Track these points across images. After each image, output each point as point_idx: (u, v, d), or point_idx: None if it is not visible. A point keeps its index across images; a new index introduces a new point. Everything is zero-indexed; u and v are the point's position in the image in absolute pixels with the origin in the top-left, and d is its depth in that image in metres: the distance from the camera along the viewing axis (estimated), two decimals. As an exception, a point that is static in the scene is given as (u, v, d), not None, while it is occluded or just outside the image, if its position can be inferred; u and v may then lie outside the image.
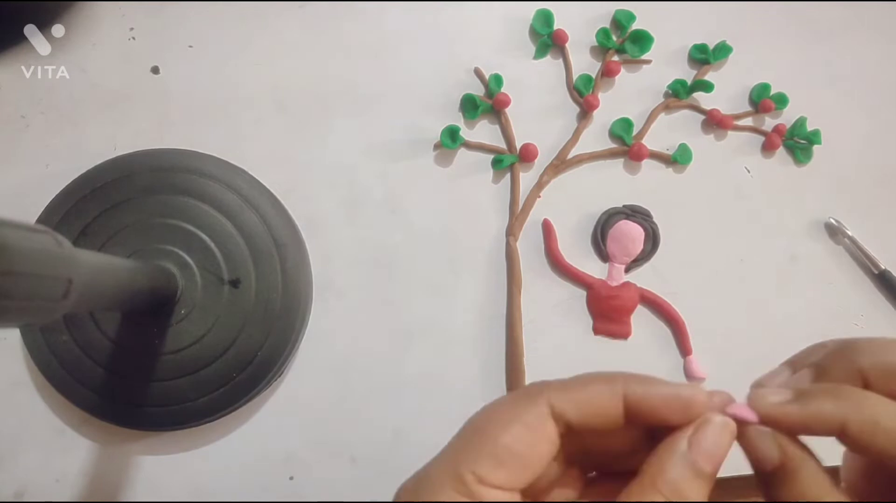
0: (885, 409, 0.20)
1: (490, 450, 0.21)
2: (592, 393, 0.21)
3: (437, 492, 0.21)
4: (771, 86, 0.44)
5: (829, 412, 0.20)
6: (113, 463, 0.38)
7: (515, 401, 0.22)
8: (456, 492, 0.20)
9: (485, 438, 0.21)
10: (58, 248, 0.23)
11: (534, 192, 0.42)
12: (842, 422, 0.20)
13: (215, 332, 0.36)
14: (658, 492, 0.20)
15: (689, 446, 0.20)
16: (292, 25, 0.43)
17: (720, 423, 0.21)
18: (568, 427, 0.22)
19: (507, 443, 0.21)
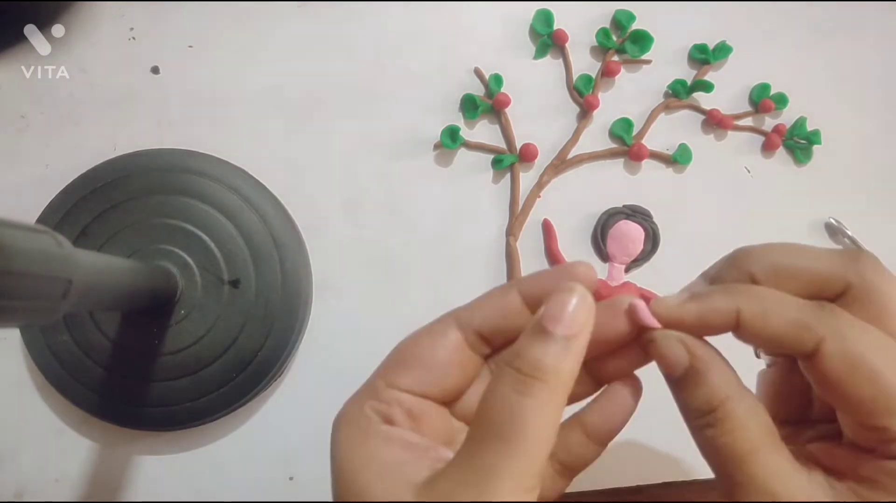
0: (773, 297, 0.21)
1: (397, 359, 0.23)
2: (491, 299, 0.23)
3: (351, 404, 0.23)
4: (771, 86, 0.44)
5: (722, 306, 0.21)
6: (113, 463, 0.38)
7: (428, 324, 0.24)
8: (371, 399, 0.22)
9: (396, 352, 0.24)
10: (58, 248, 0.23)
11: (534, 192, 0.42)
12: (735, 312, 0.21)
13: (215, 332, 0.36)
14: (507, 365, 0.20)
15: (538, 316, 0.20)
16: (292, 25, 0.43)
17: (567, 288, 0.21)
18: (479, 335, 0.23)
19: (411, 349, 0.23)
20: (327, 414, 0.39)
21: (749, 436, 0.21)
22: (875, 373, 0.20)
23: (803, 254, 0.22)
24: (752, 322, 0.21)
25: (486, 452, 0.19)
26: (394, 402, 0.22)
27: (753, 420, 0.21)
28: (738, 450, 0.21)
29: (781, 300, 0.21)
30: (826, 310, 0.21)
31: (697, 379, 0.22)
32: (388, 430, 0.22)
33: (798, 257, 0.22)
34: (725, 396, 0.21)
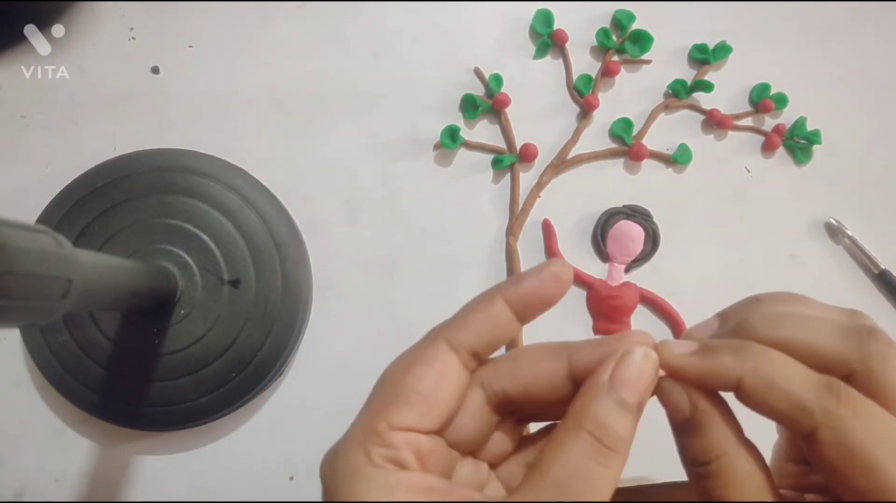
0: (782, 368, 0.20)
1: (395, 394, 0.21)
2: (477, 314, 0.22)
3: (353, 450, 0.21)
4: (771, 86, 0.44)
5: (727, 367, 0.20)
6: (113, 463, 0.38)
7: (414, 347, 0.22)
8: (376, 446, 0.21)
9: (390, 386, 0.22)
10: (58, 248, 0.23)
11: (534, 192, 0.42)
12: (738, 378, 0.20)
13: (215, 332, 0.36)
14: (583, 429, 0.20)
15: (610, 379, 0.20)
16: (292, 25, 0.43)
17: (640, 353, 0.21)
18: (474, 355, 0.22)
19: (411, 383, 0.21)
20: (327, 414, 0.39)
21: (748, 491, 0.20)
22: (871, 467, 0.19)
23: (812, 325, 0.21)
24: (753, 393, 0.20)
25: None
26: (402, 446, 0.21)
27: (749, 479, 0.20)
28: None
29: (789, 374, 0.20)
30: (832, 391, 0.20)
31: (697, 430, 0.21)
32: (406, 478, 0.20)
33: (805, 330, 0.21)
34: (722, 452, 0.20)
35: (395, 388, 0.22)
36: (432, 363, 0.22)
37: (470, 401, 0.23)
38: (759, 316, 0.22)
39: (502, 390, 0.23)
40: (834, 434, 0.19)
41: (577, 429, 0.20)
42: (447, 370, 0.22)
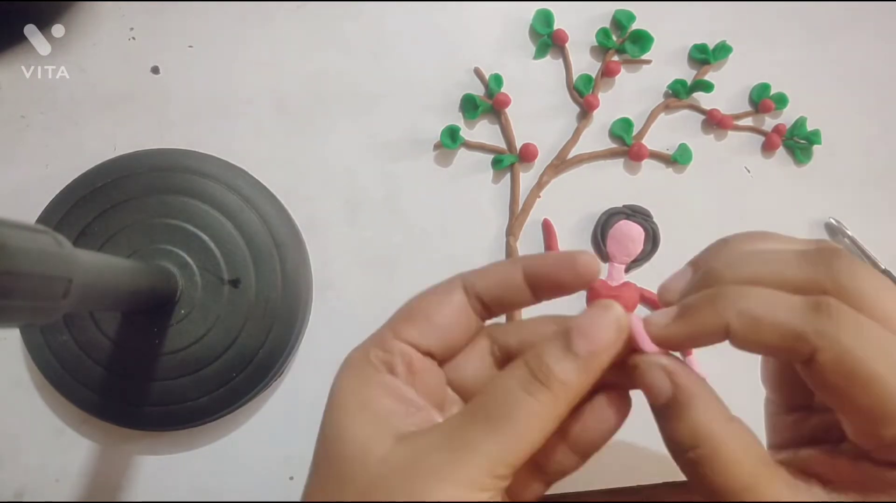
0: (764, 302, 0.20)
1: (405, 312, 0.24)
2: (496, 268, 0.24)
3: (358, 351, 0.24)
4: (771, 86, 0.44)
5: (710, 321, 0.21)
6: (113, 463, 0.38)
7: (436, 284, 0.25)
8: (376, 348, 0.23)
9: (405, 307, 0.24)
10: (58, 248, 0.23)
11: (534, 192, 0.42)
12: (724, 325, 0.20)
13: (215, 332, 0.36)
14: (523, 361, 0.21)
15: (569, 324, 0.21)
16: (292, 25, 0.43)
17: (605, 307, 0.21)
18: (481, 300, 0.24)
19: (419, 304, 0.24)
20: (327, 414, 0.39)
21: (742, 471, 0.20)
22: (872, 381, 0.19)
23: (774, 261, 0.22)
24: (744, 335, 0.20)
25: (472, 428, 0.20)
26: (397, 352, 0.23)
27: (744, 454, 0.20)
28: (732, 488, 0.20)
29: (773, 306, 0.20)
30: (821, 311, 0.19)
31: (680, 412, 0.21)
32: (389, 380, 0.23)
33: (772, 262, 0.22)
34: (710, 432, 0.20)
35: (408, 308, 0.24)
36: (444, 294, 0.24)
37: (475, 346, 0.25)
38: (724, 259, 0.23)
39: (505, 343, 0.25)
40: (832, 354, 0.19)
41: (518, 361, 0.21)
42: (455, 303, 0.24)
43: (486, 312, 0.25)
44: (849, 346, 0.19)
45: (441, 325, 0.24)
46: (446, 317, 0.24)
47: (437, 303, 0.24)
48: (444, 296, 0.24)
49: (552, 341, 0.21)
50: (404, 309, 0.24)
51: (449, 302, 0.24)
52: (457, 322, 0.24)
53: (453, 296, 0.24)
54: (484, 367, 0.25)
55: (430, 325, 0.24)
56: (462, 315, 0.24)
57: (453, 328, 0.24)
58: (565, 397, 0.21)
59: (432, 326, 0.24)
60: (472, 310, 0.24)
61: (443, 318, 0.24)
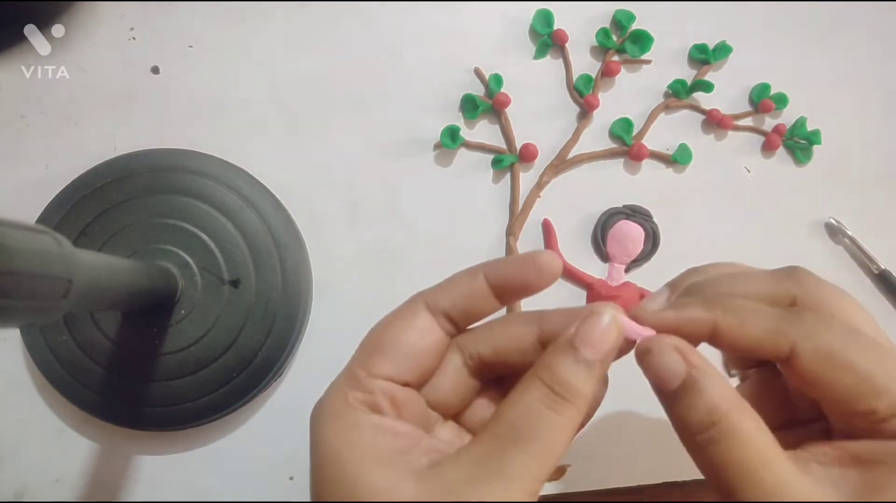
0: (748, 307, 0.22)
1: (374, 346, 0.23)
2: (457, 282, 0.24)
3: (333, 394, 0.23)
4: (771, 86, 0.44)
5: (700, 314, 0.22)
6: (113, 463, 0.38)
7: (396, 309, 0.24)
8: (354, 390, 0.23)
9: (371, 339, 0.24)
10: (58, 248, 0.23)
11: (534, 192, 0.42)
12: (712, 321, 0.22)
13: (215, 332, 0.36)
14: (537, 376, 0.21)
15: (572, 335, 0.21)
16: (292, 25, 0.43)
17: (607, 315, 0.22)
18: (449, 319, 0.24)
19: (388, 335, 0.23)
20: (327, 414, 0.39)
21: (759, 447, 0.20)
22: (850, 362, 0.21)
23: (748, 278, 0.24)
24: (730, 332, 0.22)
25: (502, 453, 0.20)
26: (377, 391, 0.23)
27: (760, 431, 0.21)
28: (749, 464, 0.20)
29: (755, 310, 0.22)
30: (795, 314, 0.22)
31: (695, 389, 0.21)
32: (378, 420, 0.22)
33: (744, 282, 0.24)
34: (727, 409, 0.21)
35: (375, 340, 0.24)
36: (409, 319, 0.24)
37: (447, 363, 0.24)
38: (703, 278, 0.24)
39: (477, 353, 0.24)
40: (812, 343, 0.21)
41: (533, 378, 0.21)
42: (422, 326, 0.23)
43: (453, 328, 0.24)
44: (825, 338, 0.21)
45: (413, 354, 0.23)
46: (417, 344, 0.23)
47: (404, 331, 0.23)
48: (409, 321, 0.24)
49: (561, 354, 0.21)
50: (371, 341, 0.24)
51: (416, 327, 0.24)
52: (427, 346, 0.24)
53: (418, 319, 0.24)
54: (460, 381, 0.25)
55: (402, 356, 0.23)
56: (431, 338, 0.24)
57: (425, 353, 0.24)
58: (584, 405, 0.21)
59: (405, 357, 0.23)
60: (440, 330, 0.24)
61: (413, 346, 0.23)
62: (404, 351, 0.23)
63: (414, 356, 0.23)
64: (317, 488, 0.22)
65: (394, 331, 0.24)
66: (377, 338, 0.24)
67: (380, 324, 0.24)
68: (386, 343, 0.23)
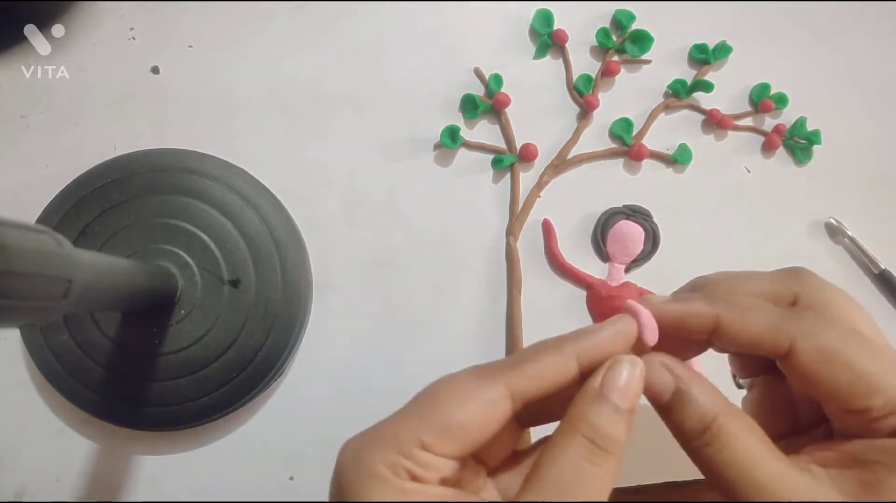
0: (750, 303, 0.23)
1: (441, 422, 0.21)
2: (546, 364, 0.22)
3: (378, 453, 0.21)
4: (771, 86, 0.44)
5: (702, 308, 0.23)
6: (113, 463, 0.38)
7: (476, 379, 0.22)
8: (401, 457, 0.21)
9: (438, 410, 0.21)
10: (58, 248, 0.23)
11: (534, 191, 0.42)
12: (714, 315, 0.23)
13: (215, 332, 0.36)
14: (578, 432, 0.21)
15: (601, 386, 0.22)
16: (292, 25, 0.43)
17: (628, 360, 0.22)
18: (525, 402, 0.22)
19: (461, 419, 0.21)
20: (327, 414, 0.39)
21: (747, 446, 0.21)
22: (848, 360, 0.21)
23: (751, 278, 0.25)
24: (731, 326, 0.23)
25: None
26: (430, 468, 0.21)
27: (748, 430, 0.22)
28: (740, 461, 0.21)
29: (757, 306, 0.23)
30: (795, 312, 0.23)
31: (685, 399, 0.22)
32: (422, 490, 0.21)
33: (748, 282, 0.25)
34: (716, 412, 0.22)
35: (442, 413, 0.21)
36: (488, 406, 0.22)
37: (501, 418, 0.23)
38: (707, 282, 0.26)
39: (524, 396, 0.22)
40: (811, 340, 0.22)
41: (573, 433, 0.21)
42: (499, 415, 0.22)
43: (528, 417, 0.23)
44: (825, 337, 0.22)
45: (481, 439, 0.22)
46: (489, 431, 0.22)
47: (480, 420, 0.21)
48: (488, 409, 0.21)
49: (598, 404, 0.21)
50: (434, 411, 0.21)
51: (494, 417, 0.22)
52: (499, 436, 0.22)
53: (499, 409, 0.22)
54: (510, 434, 0.24)
55: (469, 441, 0.21)
56: (505, 427, 0.22)
57: (494, 443, 0.22)
58: (622, 454, 0.22)
59: (471, 442, 0.21)
60: (514, 421, 0.22)
61: (484, 434, 0.21)
62: (472, 436, 0.21)
63: (478, 440, 0.22)
64: None
65: (467, 414, 0.21)
66: (446, 411, 0.21)
67: (452, 394, 0.22)
68: (455, 423, 0.21)
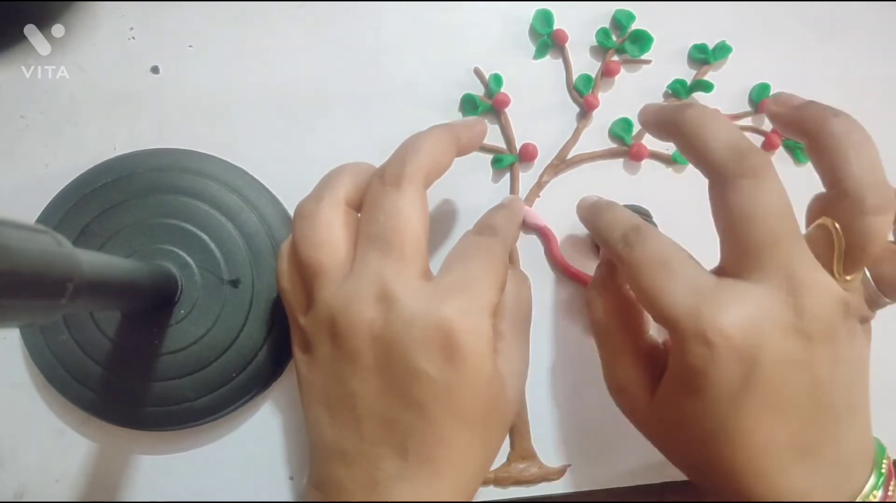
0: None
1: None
2: (442, 153, 0.32)
3: (489, 320, 0.28)
4: (771, 86, 0.44)
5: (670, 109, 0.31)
6: (113, 463, 0.38)
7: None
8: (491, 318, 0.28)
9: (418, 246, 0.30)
10: (58, 248, 0.23)
11: (533, 191, 0.42)
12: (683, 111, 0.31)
13: (215, 332, 0.36)
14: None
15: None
16: (292, 25, 0.43)
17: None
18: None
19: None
20: (327, 414, 0.39)
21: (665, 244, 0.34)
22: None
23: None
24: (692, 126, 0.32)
25: None
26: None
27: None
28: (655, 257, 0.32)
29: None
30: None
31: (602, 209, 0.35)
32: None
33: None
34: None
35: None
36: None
37: None
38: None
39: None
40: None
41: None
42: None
43: None
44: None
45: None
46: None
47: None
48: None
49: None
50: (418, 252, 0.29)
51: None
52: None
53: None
54: None
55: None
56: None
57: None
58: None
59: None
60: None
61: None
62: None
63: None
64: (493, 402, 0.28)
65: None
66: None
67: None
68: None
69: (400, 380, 0.26)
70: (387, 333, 0.26)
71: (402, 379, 0.26)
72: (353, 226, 0.30)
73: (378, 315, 0.27)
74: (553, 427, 0.39)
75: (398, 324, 0.26)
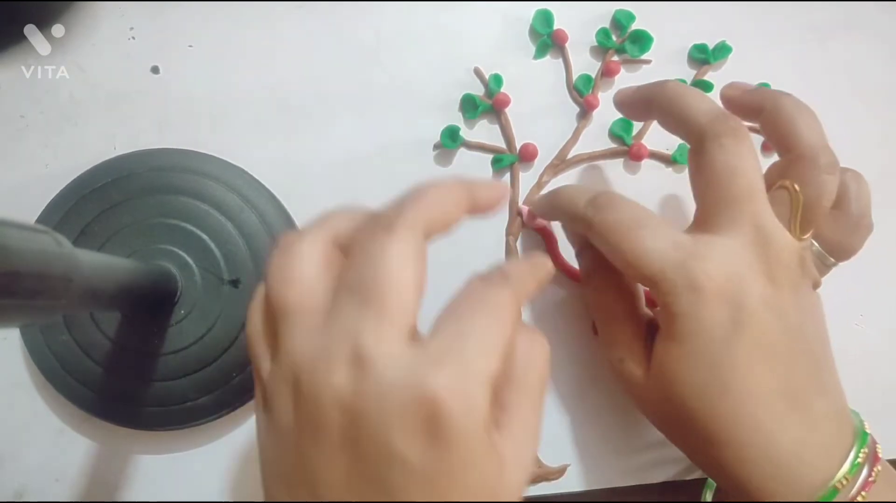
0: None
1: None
2: (452, 205, 0.30)
3: (484, 400, 0.23)
4: (771, 86, 0.44)
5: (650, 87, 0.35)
6: (113, 463, 0.38)
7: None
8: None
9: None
10: (58, 248, 0.23)
11: (534, 191, 0.42)
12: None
13: (215, 332, 0.36)
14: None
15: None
16: (292, 25, 0.43)
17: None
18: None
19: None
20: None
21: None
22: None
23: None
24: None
25: None
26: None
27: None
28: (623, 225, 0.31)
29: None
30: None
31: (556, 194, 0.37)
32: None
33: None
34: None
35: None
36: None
37: None
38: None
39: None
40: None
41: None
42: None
43: None
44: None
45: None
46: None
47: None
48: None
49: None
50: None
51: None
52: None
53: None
54: None
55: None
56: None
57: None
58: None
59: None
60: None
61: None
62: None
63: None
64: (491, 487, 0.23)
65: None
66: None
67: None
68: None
69: (372, 465, 0.21)
70: (357, 404, 0.21)
71: (375, 463, 0.21)
72: (338, 269, 0.25)
73: (348, 381, 0.22)
74: (553, 427, 0.39)
75: (371, 394, 0.21)
